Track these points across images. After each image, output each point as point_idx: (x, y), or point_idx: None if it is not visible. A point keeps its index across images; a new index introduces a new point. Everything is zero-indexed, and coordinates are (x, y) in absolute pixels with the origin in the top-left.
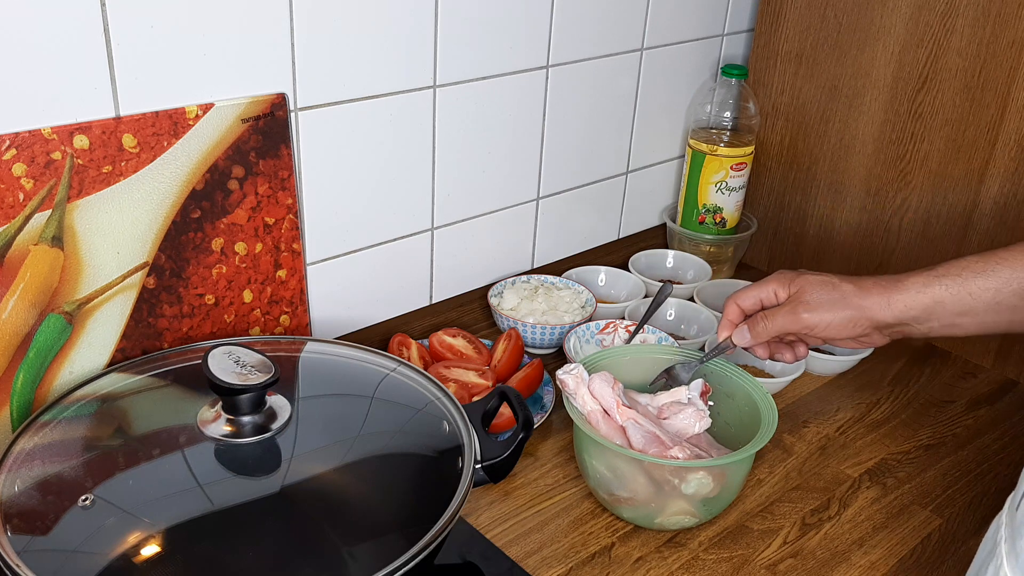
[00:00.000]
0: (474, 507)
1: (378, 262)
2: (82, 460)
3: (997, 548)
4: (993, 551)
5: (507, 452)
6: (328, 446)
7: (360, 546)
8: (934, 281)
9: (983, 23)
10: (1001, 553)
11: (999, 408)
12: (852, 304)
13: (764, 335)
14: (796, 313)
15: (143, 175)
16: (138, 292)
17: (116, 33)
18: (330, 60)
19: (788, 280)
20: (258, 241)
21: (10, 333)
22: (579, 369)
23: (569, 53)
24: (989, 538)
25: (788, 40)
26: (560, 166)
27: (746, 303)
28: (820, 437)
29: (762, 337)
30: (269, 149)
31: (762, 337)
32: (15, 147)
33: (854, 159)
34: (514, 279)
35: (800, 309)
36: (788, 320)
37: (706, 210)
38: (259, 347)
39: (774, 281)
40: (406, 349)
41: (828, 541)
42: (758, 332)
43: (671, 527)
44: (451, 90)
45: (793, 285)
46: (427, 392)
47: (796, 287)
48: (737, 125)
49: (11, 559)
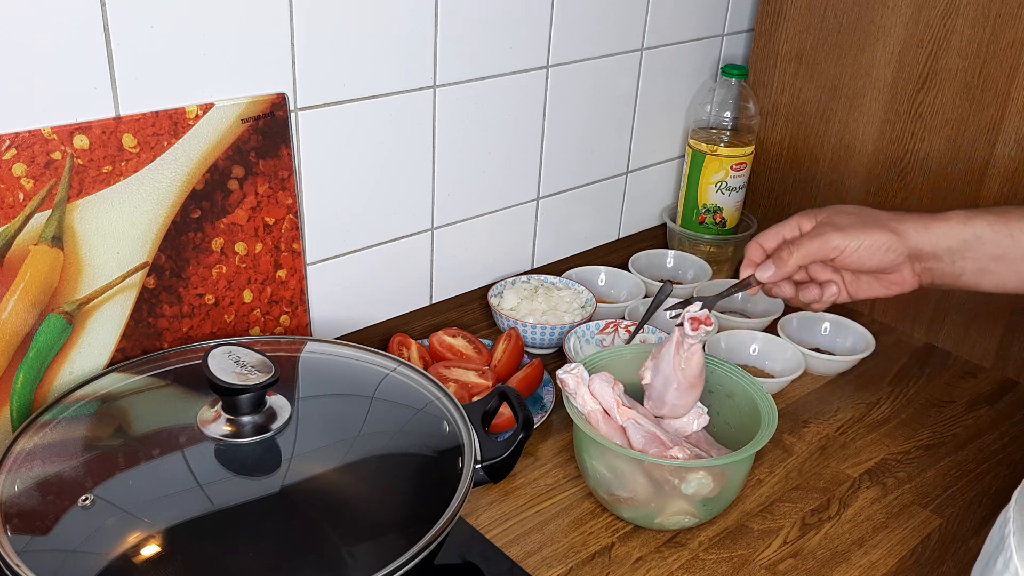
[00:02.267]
0: (474, 507)
1: (378, 262)
2: (82, 460)
3: (1005, 541)
4: (1001, 544)
5: (507, 452)
6: (328, 446)
7: (360, 546)
8: (977, 216)
9: (983, 23)
10: (1010, 545)
11: (999, 408)
12: (887, 226)
13: (789, 264)
14: (824, 235)
15: (143, 175)
16: (138, 292)
17: (116, 33)
18: (330, 60)
19: (814, 212)
20: (258, 241)
21: (10, 333)
22: (579, 369)
23: (569, 53)
24: (996, 531)
25: (788, 40)
26: (560, 166)
27: (769, 242)
28: (820, 437)
29: (787, 265)
30: (269, 149)
31: (787, 265)
32: (15, 147)
33: (854, 159)
34: (514, 279)
35: (828, 231)
36: (815, 244)
37: (706, 210)
38: (259, 347)
39: (797, 217)
40: (406, 349)
41: (828, 541)
42: (782, 259)
43: (671, 527)
44: (451, 90)
45: (820, 214)
46: (427, 392)
47: (823, 215)
48: (737, 125)
49: (11, 559)
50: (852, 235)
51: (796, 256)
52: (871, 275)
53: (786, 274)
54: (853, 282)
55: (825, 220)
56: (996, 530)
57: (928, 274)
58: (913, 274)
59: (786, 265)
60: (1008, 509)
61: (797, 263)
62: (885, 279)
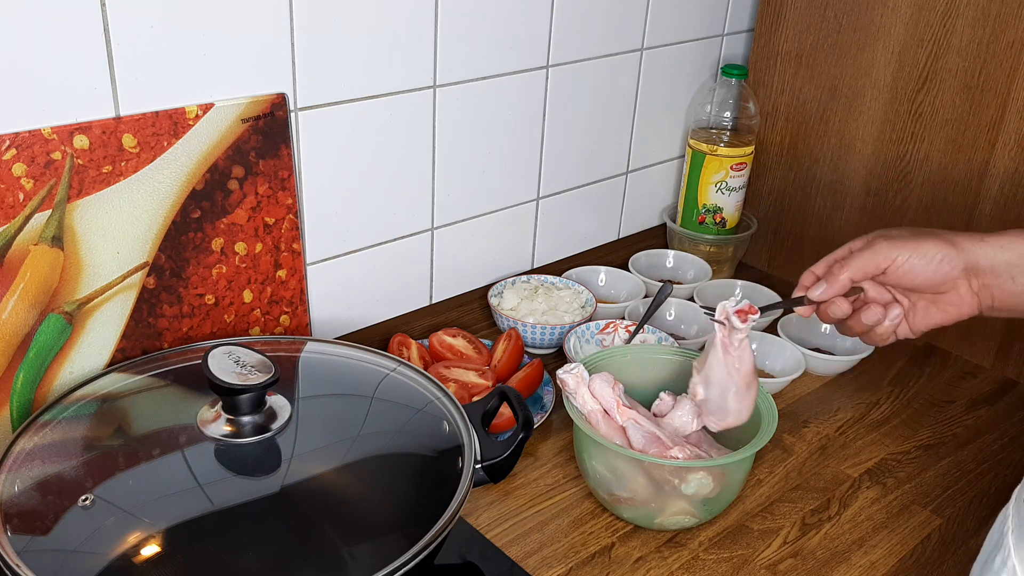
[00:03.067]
0: (474, 507)
1: (378, 262)
2: (82, 460)
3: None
4: (1000, 542)
5: (507, 452)
6: (328, 446)
7: (360, 546)
8: None
9: (983, 23)
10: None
11: (999, 408)
12: (941, 236)
13: (840, 278)
14: (875, 246)
15: (143, 175)
16: (138, 292)
17: (116, 33)
18: (330, 60)
19: (865, 236)
20: (258, 241)
21: (10, 333)
22: (579, 369)
23: (569, 53)
24: (996, 529)
25: (788, 40)
26: (560, 166)
27: (820, 268)
28: (820, 437)
29: (838, 280)
30: (269, 149)
31: (838, 280)
32: (15, 147)
33: (854, 159)
34: (514, 279)
35: (880, 242)
36: (866, 256)
37: (706, 210)
38: (259, 347)
39: (848, 242)
40: (406, 349)
41: (828, 541)
42: (833, 274)
43: (671, 527)
44: (451, 90)
45: (871, 235)
46: (427, 392)
47: (874, 235)
48: (737, 125)
49: (11, 559)
50: (904, 245)
51: (848, 270)
52: (928, 299)
53: (839, 290)
54: (911, 309)
55: (878, 235)
56: (995, 528)
57: (987, 292)
58: (971, 293)
59: (837, 280)
60: (1008, 508)
61: (849, 277)
62: (943, 301)
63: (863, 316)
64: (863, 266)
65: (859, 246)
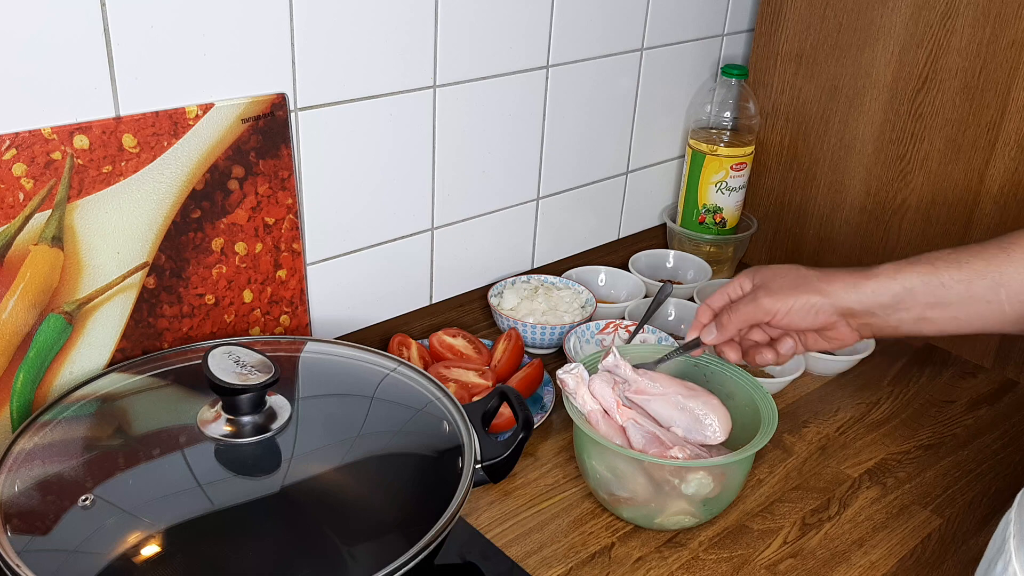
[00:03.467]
0: (474, 507)
1: (378, 262)
2: (82, 460)
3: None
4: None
5: (507, 452)
6: (328, 446)
7: (360, 546)
8: (906, 268)
9: (983, 23)
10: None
11: (999, 408)
12: (814, 287)
13: (729, 327)
14: (757, 300)
15: (143, 175)
16: (138, 292)
17: (116, 33)
18: (330, 60)
19: (753, 272)
20: (258, 241)
21: (10, 333)
22: (579, 369)
23: (569, 53)
24: (998, 535)
25: (788, 40)
26: (560, 166)
27: (716, 302)
28: (820, 437)
29: (727, 329)
30: (269, 149)
31: (727, 329)
32: (15, 147)
33: (854, 159)
34: (514, 279)
35: (761, 295)
36: (749, 308)
37: (706, 210)
38: (259, 347)
39: (741, 276)
40: (406, 349)
41: (828, 541)
42: (722, 324)
43: (671, 527)
44: (451, 90)
45: (758, 276)
46: (427, 392)
47: (760, 278)
48: (737, 125)
49: (11, 559)
50: (782, 299)
51: (734, 320)
52: (816, 333)
53: (727, 336)
54: (802, 337)
55: (760, 284)
56: (998, 533)
57: (867, 328)
58: (851, 329)
59: (725, 329)
60: (1009, 513)
61: (736, 326)
62: (826, 335)
63: (757, 358)
64: (748, 317)
65: (749, 288)
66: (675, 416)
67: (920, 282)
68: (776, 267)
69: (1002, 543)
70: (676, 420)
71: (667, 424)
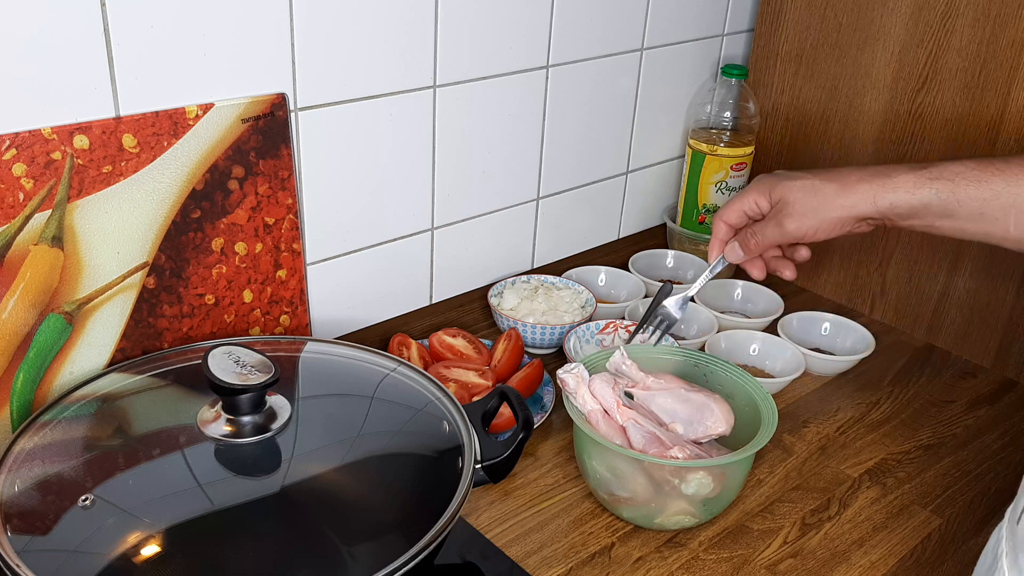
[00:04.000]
0: (474, 507)
1: (378, 262)
2: (82, 460)
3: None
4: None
5: (507, 452)
6: (328, 446)
7: (360, 546)
8: (925, 184)
9: (983, 23)
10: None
11: (999, 408)
12: (837, 206)
13: (756, 250)
14: (782, 225)
15: (143, 175)
16: (138, 292)
17: (116, 33)
18: (330, 60)
19: (768, 188)
20: (258, 241)
21: (10, 333)
22: (579, 369)
23: (569, 53)
24: (990, 551)
25: (788, 40)
26: (560, 166)
27: (732, 218)
28: (820, 437)
29: (754, 252)
30: (269, 149)
31: (754, 252)
32: (15, 147)
33: (854, 159)
34: (514, 279)
35: (785, 220)
36: (775, 233)
37: (706, 210)
38: (259, 347)
39: (754, 191)
40: (406, 349)
41: (828, 541)
42: (749, 248)
43: (671, 527)
44: (451, 90)
45: (774, 193)
46: (427, 392)
47: (777, 195)
48: (737, 125)
49: (11, 559)
50: (807, 221)
51: (761, 243)
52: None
53: (752, 257)
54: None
55: (780, 203)
56: (989, 550)
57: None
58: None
59: (752, 252)
60: (1000, 528)
61: (761, 249)
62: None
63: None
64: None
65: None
66: (679, 409)
67: (937, 198)
68: (789, 181)
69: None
70: (679, 413)
71: (670, 418)
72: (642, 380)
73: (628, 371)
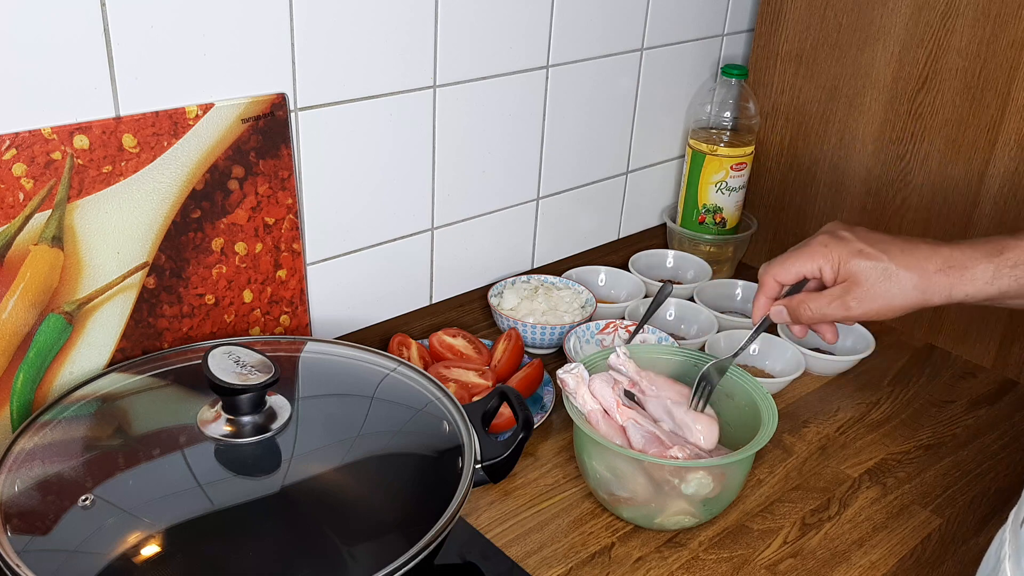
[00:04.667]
0: (474, 507)
1: (378, 262)
2: (82, 460)
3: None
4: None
5: (507, 452)
6: (328, 446)
7: (360, 546)
8: (1006, 273)
9: (983, 23)
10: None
11: (999, 408)
12: (912, 296)
13: (807, 323)
14: (847, 306)
15: (143, 175)
16: (138, 292)
17: (116, 33)
18: (330, 60)
19: (838, 259)
20: (258, 241)
21: (10, 333)
22: (579, 369)
23: (569, 53)
24: (992, 554)
25: (788, 40)
26: (560, 166)
27: (787, 279)
28: (820, 437)
29: (805, 324)
30: (269, 149)
31: (805, 324)
32: (15, 147)
33: (854, 159)
34: (514, 279)
35: (852, 302)
36: (838, 311)
37: (706, 210)
38: (259, 347)
39: (819, 255)
40: (406, 349)
41: (828, 541)
42: (801, 319)
43: (671, 527)
44: (451, 90)
45: (844, 268)
46: (427, 392)
47: (847, 272)
48: (737, 125)
49: (11, 559)
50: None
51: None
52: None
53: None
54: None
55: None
56: (991, 553)
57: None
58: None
59: (804, 322)
60: (1003, 531)
61: (815, 322)
62: None
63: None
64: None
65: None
66: (664, 420)
67: (1016, 284)
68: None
69: (996, 563)
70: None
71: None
72: (639, 381)
73: (626, 371)
